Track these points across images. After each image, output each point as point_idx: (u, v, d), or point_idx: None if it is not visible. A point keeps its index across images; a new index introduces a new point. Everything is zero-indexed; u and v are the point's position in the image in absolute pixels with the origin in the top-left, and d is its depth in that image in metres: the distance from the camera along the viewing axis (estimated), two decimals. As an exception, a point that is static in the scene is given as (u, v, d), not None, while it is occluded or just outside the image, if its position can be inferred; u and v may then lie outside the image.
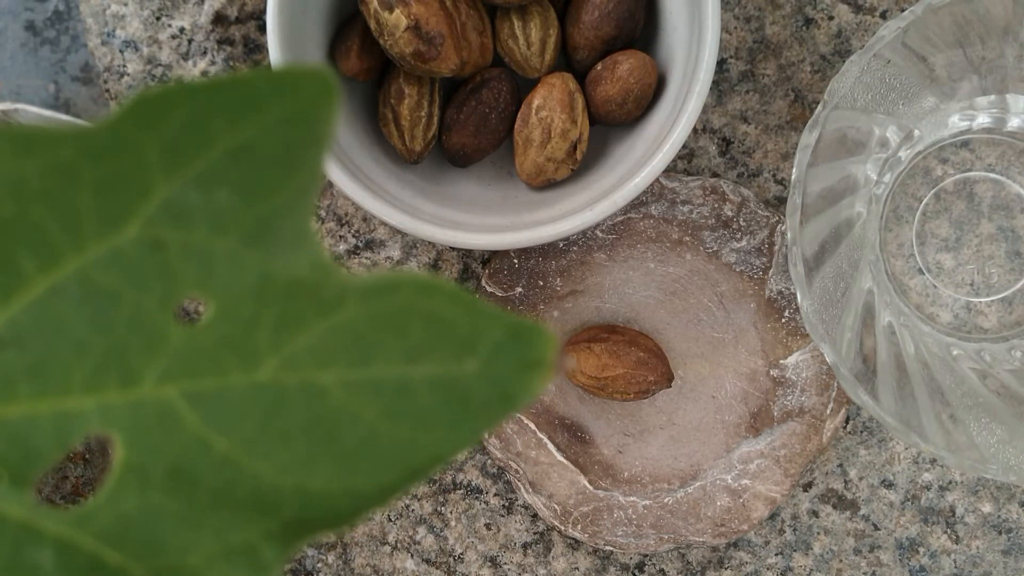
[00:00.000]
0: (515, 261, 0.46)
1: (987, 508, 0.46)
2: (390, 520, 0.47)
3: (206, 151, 0.21)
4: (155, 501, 0.22)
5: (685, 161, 0.47)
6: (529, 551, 0.47)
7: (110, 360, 0.22)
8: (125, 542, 0.22)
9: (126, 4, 0.46)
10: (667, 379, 0.45)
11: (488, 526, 0.47)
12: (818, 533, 0.47)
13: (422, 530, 0.47)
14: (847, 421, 0.47)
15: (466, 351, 0.22)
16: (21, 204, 0.21)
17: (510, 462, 0.46)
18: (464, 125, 0.44)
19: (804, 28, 0.46)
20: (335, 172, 0.41)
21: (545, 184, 0.44)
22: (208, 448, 0.22)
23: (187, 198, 0.21)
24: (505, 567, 0.47)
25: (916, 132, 0.45)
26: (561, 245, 0.46)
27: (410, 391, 0.22)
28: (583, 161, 0.45)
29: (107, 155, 0.21)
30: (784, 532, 0.47)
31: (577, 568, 0.47)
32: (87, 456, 0.46)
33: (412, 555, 0.47)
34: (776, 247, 0.46)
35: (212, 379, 0.22)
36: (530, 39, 0.43)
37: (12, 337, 0.22)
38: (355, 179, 0.41)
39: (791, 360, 0.46)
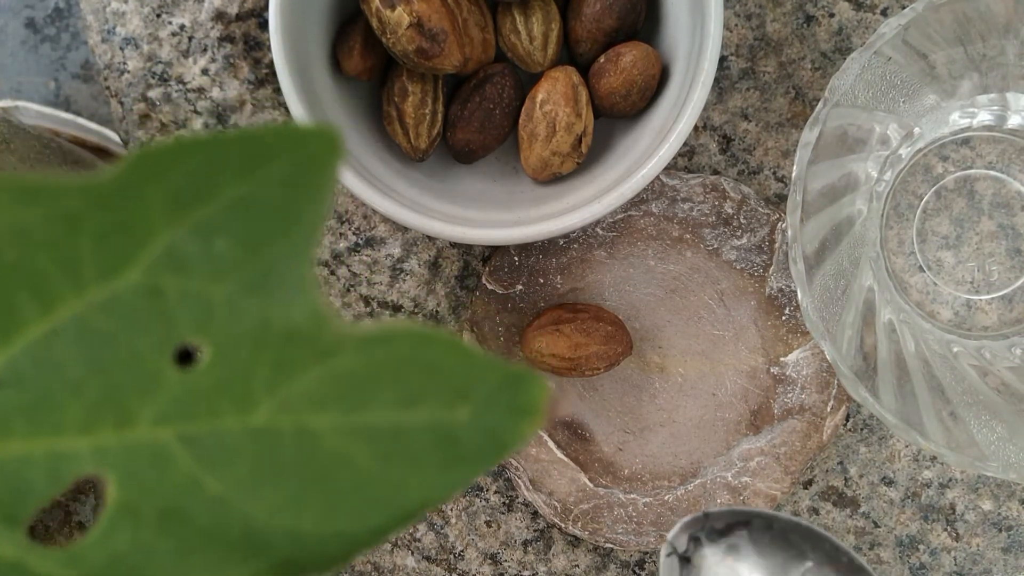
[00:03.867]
0: (516, 258, 0.46)
1: (987, 506, 0.47)
2: (390, 517, 0.47)
3: (209, 202, 0.21)
4: (147, 541, 0.22)
5: (685, 158, 0.47)
6: (529, 548, 0.47)
7: (106, 401, 0.22)
8: None
9: (126, 1, 0.46)
10: (630, 348, 0.45)
11: (488, 523, 0.47)
12: (818, 530, 0.47)
13: (422, 527, 0.47)
14: (847, 419, 0.47)
15: (460, 398, 0.22)
16: (23, 250, 0.21)
17: (510, 459, 0.46)
18: (469, 121, 0.44)
19: (805, 25, 0.46)
20: (342, 172, 0.41)
21: (551, 178, 0.44)
22: (201, 489, 0.22)
23: (187, 246, 0.22)
24: (505, 564, 0.47)
25: (917, 130, 0.45)
26: (561, 243, 0.46)
27: (403, 436, 0.22)
28: (588, 154, 0.45)
29: (111, 205, 0.21)
30: (784, 529, 0.47)
31: (577, 565, 0.47)
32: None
33: (412, 552, 0.47)
34: (776, 244, 0.46)
35: (207, 421, 0.22)
36: (532, 33, 0.43)
37: (10, 377, 0.22)
38: (362, 179, 0.41)
39: (791, 358, 0.46)
